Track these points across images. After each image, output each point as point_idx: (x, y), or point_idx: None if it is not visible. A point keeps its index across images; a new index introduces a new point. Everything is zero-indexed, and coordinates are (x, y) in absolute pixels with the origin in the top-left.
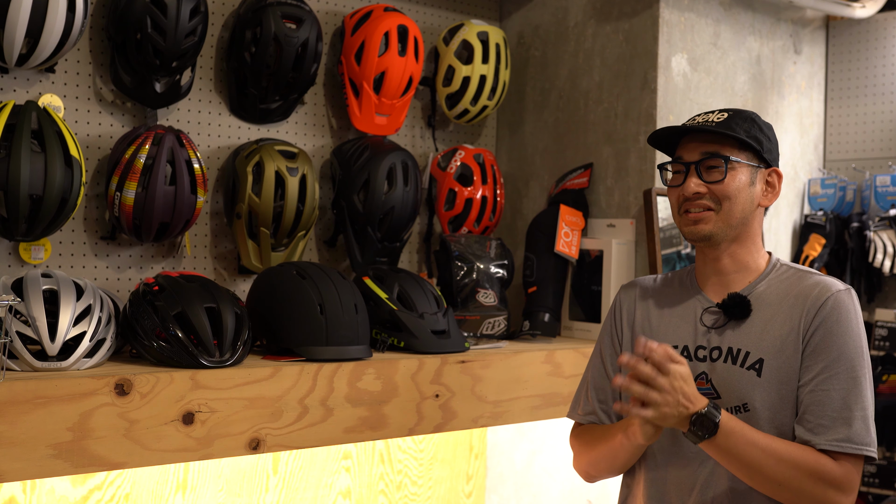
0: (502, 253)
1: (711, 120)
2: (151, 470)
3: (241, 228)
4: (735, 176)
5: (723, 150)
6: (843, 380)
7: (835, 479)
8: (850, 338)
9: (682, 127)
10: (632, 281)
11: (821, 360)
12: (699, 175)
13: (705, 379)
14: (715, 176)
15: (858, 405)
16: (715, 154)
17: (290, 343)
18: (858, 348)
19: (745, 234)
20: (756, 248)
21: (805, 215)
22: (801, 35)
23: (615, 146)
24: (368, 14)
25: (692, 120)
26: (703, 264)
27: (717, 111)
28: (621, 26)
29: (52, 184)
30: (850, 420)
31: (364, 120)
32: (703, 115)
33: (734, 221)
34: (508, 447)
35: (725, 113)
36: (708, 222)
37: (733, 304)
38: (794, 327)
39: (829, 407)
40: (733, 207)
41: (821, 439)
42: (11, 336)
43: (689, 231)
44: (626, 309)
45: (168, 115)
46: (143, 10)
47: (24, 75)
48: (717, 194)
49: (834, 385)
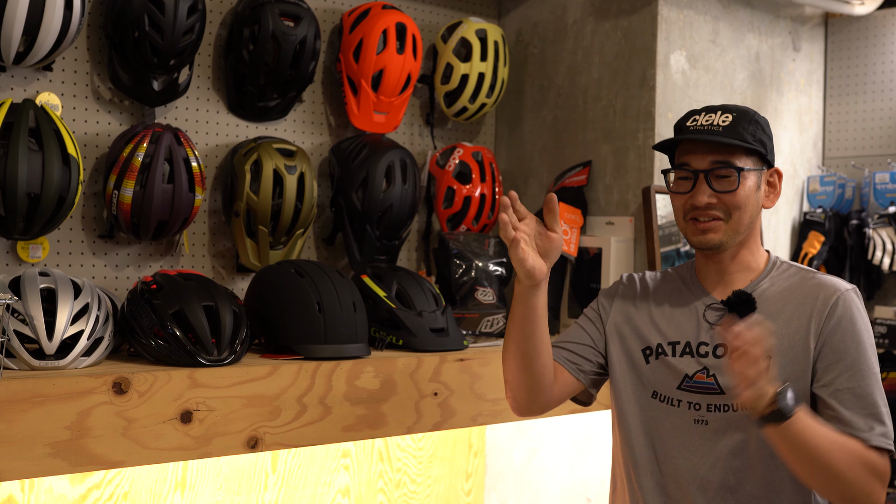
0: (501, 251)
1: (717, 123)
2: (150, 469)
3: (239, 227)
4: (745, 184)
5: (733, 158)
6: (868, 376)
7: (881, 472)
8: (865, 336)
9: (692, 137)
10: (640, 273)
11: (842, 358)
12: (709, 184)
13: (706, 374)
14: (726, 186)
15: (883, 401)
16: (726, 163)
17: (289, 341)
18: (872, 346)
19: (750, 237)
20: (756, 248)
21: (804, 213)
22: (800, 32)
23: (614, 144)
24: (367, 12)
25: (693, 121)
26: (704, 264)
27: (719, 111)
28: (620, 23)
29: (49, 182)
30: (881, 416)
31: (362, 118)
32: (705, 115)
33: (742, 229)
34: (507, 445)
35: (729, 115)
36: (717, 231)
37: (739, 301)
38: (801, 326)
39: (863, 402)
40: (743, 217)
41: (867, 435)
42: (9, 335)
43: (698, 240)
44: (622, 296)
45: (166, 113)
46: (140, 8)
47: (21, 73)
48: (728, 204)
49: (860, 382)
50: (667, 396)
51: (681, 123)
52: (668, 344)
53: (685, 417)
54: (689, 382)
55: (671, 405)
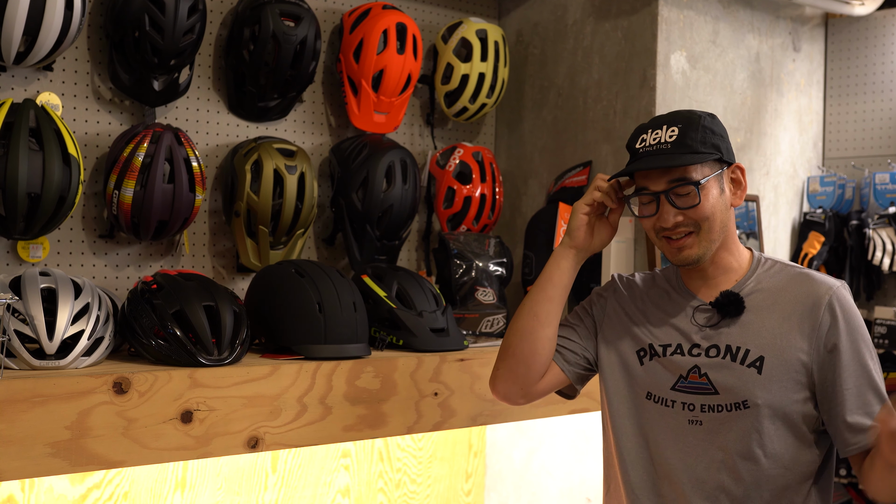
0: (501, 251)
1: (664, 140)
2: (150, 468)
3: (239, 227)
4: (708, 194)
5: (688, 173)
6: (874, 373)
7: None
8: (861, 329)
9: (641, 167)
10: (630, 274)
11: (846, 359)
12: (671, 202)
13: (698, 373)
14: (688, 202)
15: (879, 395)
16: (683, 180)
17: (289, 341)
18: (869, 341)
19: (725, 238)
20: (736, 247)
21: (804, 213)
22: (800, 32)
23: (614, 144)
24: (367, 12)
25: (641, 142)
26: (686, 270)
27: (664, 126)
28: (620, 24)
29: (50, 182)
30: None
31: (363, 118)
32: (652, 132)
33: (715, 236)
34: (507, 445)
35: (675, 127)
36: (692, 247)
37: (727, 302)
38: (795, 326)
39: (879, 393)
40: (713, 225)
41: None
42: (9, 334)
43: (677, 259)
44: (616, 296)
45: (166, 113)
46: (141, 8)
47: (21, 73)
48: (695, 218)
49: (867, 381)
50: (661, 397)
51: (630, 145)
52: (659, 346)
53: (679, 418)
54: (684, 383)
55: (665, 406)
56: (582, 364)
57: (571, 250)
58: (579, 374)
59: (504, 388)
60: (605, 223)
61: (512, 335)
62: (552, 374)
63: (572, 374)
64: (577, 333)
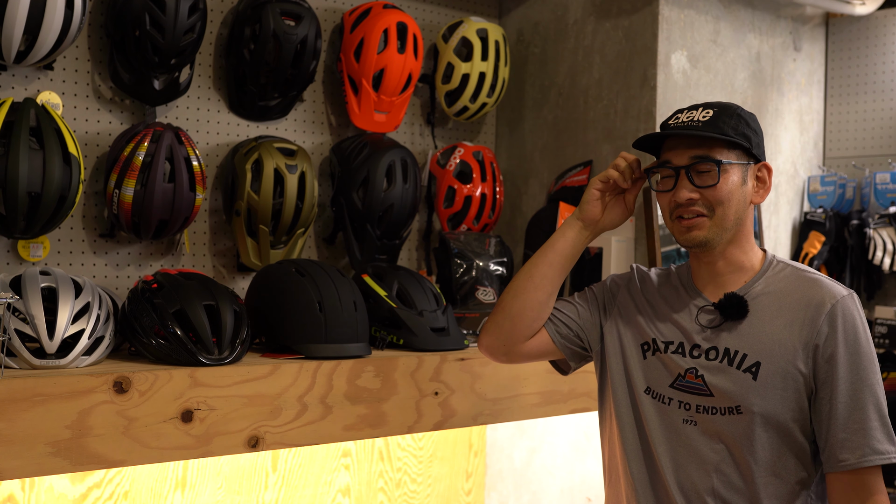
0: (502, 250)
1: (697, 119)
2: (150, 468)
3: (240, 226)
4: (727, 178)
5: (713, 152)
6: (868, 390)
7: None
8: (862, 341)
9: (669, 132)
10: (647, 268)
11: (841, 371)
12: (690, 179)
13: (695, 374)
14: (707, 180)
15: (879, 413)
16: (705, 158)
17: (289, 341)
18: (870, 355)
19: (740, 234)
20: (750, 247)
21: (805, 213)
22: (800, 32)
23: (615, 143)
24: (368, 11)
25: (676, 119)
26: (697, 266)
27: (700, 108)
28: (621, 23)
29: (50, 181)
30: (870, 430)
31: (363, 117)
32: (687, 112)
33: (728, 225)
34: (508, 445)
35: (710, 110)
36: (702, 228)
37: (730, 304)
38: (795, 333)
39: (879, 408)
40: (727, 212)
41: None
42: (10, 334)
43: (684, 238)
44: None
45: (167, 112)
46: (141, 7)
47: (22, 72)
48: (710, 200)
49: (862, 397)
50: (659, 394)
51: (664, 123)
52: (662, 342)
53: (674, 416)
54: (681, 382)
55: (662, 402)
56: (574, 342)
57: (578, 222)
58: (572, 351)
59: (488, 341)
60: (619, 202)
61: (505, 292)
62: (540, 339)
63: (563, 346)
64: (578, 312)
